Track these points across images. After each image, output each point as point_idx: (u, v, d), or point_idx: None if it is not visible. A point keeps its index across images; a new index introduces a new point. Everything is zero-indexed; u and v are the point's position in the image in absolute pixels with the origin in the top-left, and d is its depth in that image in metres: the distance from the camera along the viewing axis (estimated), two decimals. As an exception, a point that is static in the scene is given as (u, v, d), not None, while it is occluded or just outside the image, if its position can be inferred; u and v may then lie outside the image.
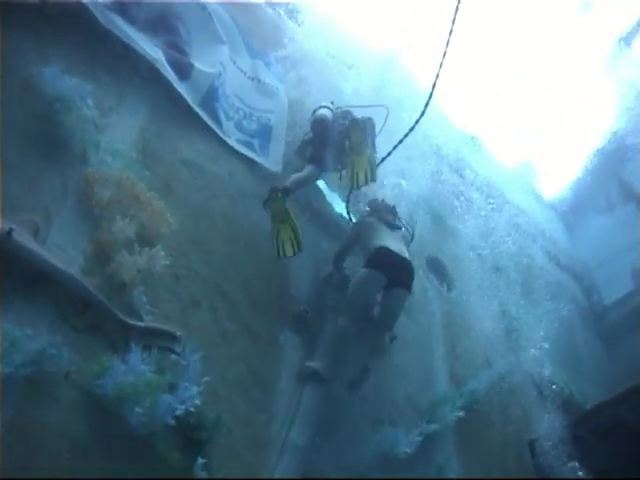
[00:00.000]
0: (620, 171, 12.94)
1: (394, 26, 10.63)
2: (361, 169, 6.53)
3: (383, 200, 7.25)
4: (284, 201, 6.27)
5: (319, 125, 7.16)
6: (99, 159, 5.12)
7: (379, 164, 6.97)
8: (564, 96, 14.69)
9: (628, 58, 13.72)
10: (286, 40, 8.46)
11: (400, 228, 6.99)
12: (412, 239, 7.17)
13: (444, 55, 6.86)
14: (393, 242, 6.50)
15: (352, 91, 8.71)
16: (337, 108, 7.43)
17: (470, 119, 13.21)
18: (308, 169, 6.93)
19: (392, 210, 7.11)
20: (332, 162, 7.12)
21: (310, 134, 7.33)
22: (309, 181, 7.03)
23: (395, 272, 6.25)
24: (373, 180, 6.67)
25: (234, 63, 7.47)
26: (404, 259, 6.39)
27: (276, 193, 6.25)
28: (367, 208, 7.21)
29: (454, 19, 6.79)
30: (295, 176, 6.67)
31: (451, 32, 6.82)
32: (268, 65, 8.04)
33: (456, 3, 6.76)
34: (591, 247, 12.69)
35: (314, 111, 7.47)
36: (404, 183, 8.19)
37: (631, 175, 12.58)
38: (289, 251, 6.13)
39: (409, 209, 8.13)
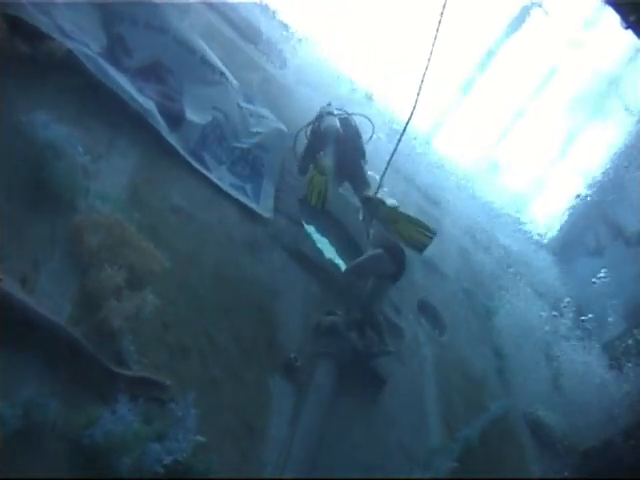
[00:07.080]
0: (610, 213, 13.02)
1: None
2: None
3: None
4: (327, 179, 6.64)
5: (331, 136, 7.26)
6: (88, 205, 5.11)
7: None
8: (554, 136, 14.86)
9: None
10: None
11: None
12: None
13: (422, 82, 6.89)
14: None
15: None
16: (337, 111, 7.63)
17: (460, 160, 13.36)
18: None
19: None
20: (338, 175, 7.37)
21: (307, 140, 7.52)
22: None
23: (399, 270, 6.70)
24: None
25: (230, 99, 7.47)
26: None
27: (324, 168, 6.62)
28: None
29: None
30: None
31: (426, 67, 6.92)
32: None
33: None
34: (582, 288, 12.70)
35: (319, 115, 7.57)
36: None
37: (620, 216, 12.67)
38: (314, 201, 6.49)
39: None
